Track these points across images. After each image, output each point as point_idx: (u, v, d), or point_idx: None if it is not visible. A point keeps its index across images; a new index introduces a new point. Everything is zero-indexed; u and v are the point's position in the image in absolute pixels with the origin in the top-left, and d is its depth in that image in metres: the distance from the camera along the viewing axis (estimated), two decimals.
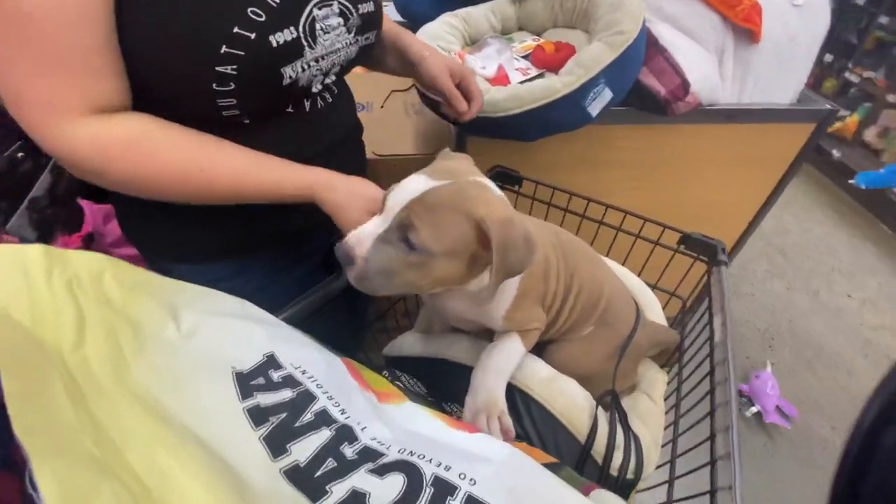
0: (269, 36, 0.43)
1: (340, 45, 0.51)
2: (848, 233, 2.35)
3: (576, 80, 0.76)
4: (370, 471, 0.26)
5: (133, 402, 0.23)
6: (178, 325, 0.29)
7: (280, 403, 0.28)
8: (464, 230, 0.43)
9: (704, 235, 0.70)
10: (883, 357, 1.75)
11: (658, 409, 0.66)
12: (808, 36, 1.05)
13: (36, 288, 0.23)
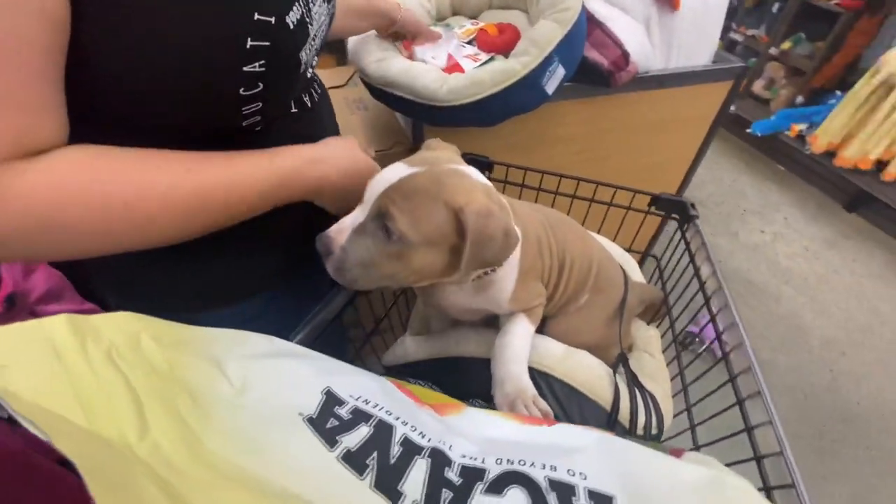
0: (285, 17, 0.38)
1: (323, 17, 0.46)
2: (751, 176, 2.63)
3: (533, 60, 0.77)
4: (485, 491, 0.25)
5: (221, 479, 0.20)
6: (229, 379, 0.25)
7: (365, 443, 0.26)
8: (442, 219, 0.41)
9: (672, 195, 0.74)
10: (801, 281, 1.99)
11: (661, 364, 0.70)
12: (717, 1, 1.14)
13: (76, 371, 0.18)
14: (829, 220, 2.33)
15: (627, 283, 0.71)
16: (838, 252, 2.14)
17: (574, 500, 0.25)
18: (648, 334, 0.74)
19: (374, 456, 0.25)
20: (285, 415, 0.25)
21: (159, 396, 0.21)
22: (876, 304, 1.88)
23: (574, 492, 0.25)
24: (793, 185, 2.57)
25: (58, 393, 0.17)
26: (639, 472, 0.28)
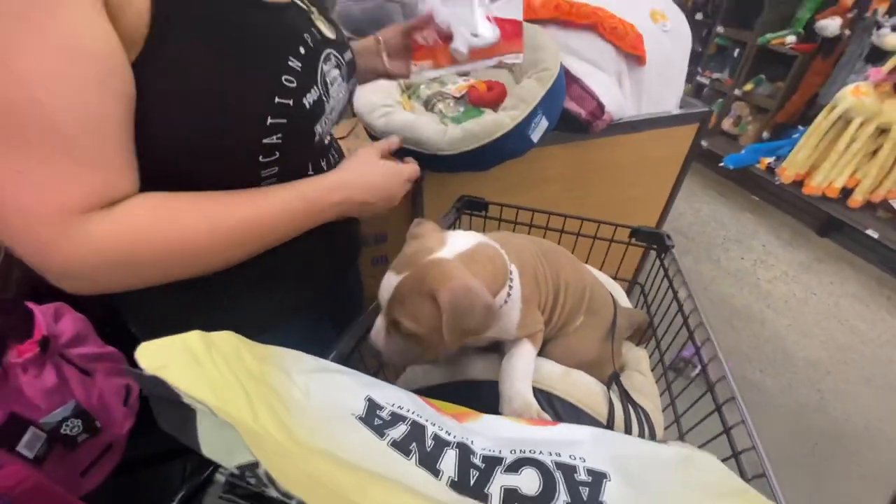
0: (302, 99, 0.45)
1: (341, 94, 0.55)
2: (729, 207, 2.78)
3: (520, 114, 0.88)
4: (504, 472, 0.31)
5: (310, 454, 0.26)
6: (298, 386, 0.31)
7: (406, 436, 0.32)
8: (432, 308, 0.47)
9: (651, 227, 0.83)
10: (783, 304, 2.08)
11: (650, 381, 0.76)
12: (679, 53, 1.29)
13: (208, 371, 0.24)
14: (803, 246, 2.45)
15: (616, 307, 0.78)
16: (815, 275, 2.25)
17: (576, 476, 0.31)
18: (638, 355, 0.81)
19: (413, 445, 0.31)
20: (341, 415, 0.31)
21: (258, 394, 0.27)
22: (855, 324, 1.97)
23: (576, 470, 0.31)
24: (767, 213, 2.72)
25: (199, 385, 0.23)
26: (627, 454, 0.34)
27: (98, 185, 0.36)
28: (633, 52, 1.14)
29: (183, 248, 0.41)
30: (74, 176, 0.35)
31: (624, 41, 1.11)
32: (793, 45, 2.52)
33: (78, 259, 0.36)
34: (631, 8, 1.20)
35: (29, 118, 0.32)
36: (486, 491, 0.30)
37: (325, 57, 0.50)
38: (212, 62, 0.39)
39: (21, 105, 0.32)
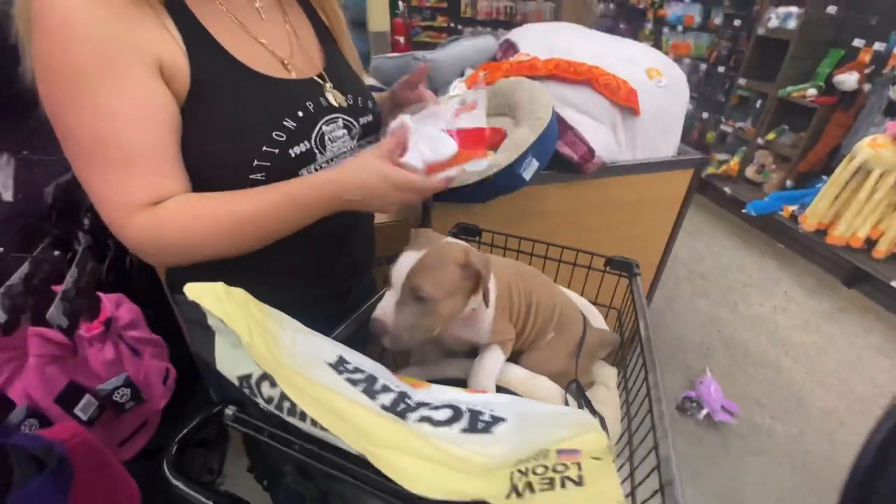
0: (288, 150, 0.58)
1: (346, 149, 0.68)
2: (751, 253, 2.77)
3: (512, 155, 1.01)
4: (428, 410, 0.42)
5: (295, 374, 0.38)
6: (287, 336, 0.44)
7: (360, 380, 0.44)
8: (454, 273, 0.61)
9: (623, 257, 0.93)
10: (802, 352, 2.05)
11: (613, 395, 0.84)
12: (675, 106, 1.40)
13: (227, 307, 0.37)
14: (828, 295, 2.41)
15: (586, 325, 0.87)
16: (838, 325, 2.20)
17: (480, 417, 0.42)
18: (606, 372, 0.89)
19: (365, 385, 0.43)
20: (317, 362, 0.43)
21: (257, 331, 0.39)
22: (875, 376, 1.91)
23: (482, 413, 0.42)
24: (792, 261, 2.69)
25: (219, 311, 0.36)
26: (527, 409, 0.44)
27: (151, 189, 0.52)
28: (626, 105, 1.27)
29: (194, 233, 0.54)
30: (136, 183, 0.51)
31: (617, 95, 1.25)
32: (813, 98, 2.58)
33: (136, 238, 0.52)
34: (628, 66, 1.35)
35: (110, 144, 0.49)
36: (406, 415, 0.41)
37: (330, 120, 0.64)
38: (225, 116, 0.55)
39: (106, 136, 0.49)
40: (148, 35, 0.50)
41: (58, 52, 0.46)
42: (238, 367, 0.38)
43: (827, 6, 2.49)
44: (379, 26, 3.13)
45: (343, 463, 0.37)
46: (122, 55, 0.48)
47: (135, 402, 0.94)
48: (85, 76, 0.47)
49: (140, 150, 0.50)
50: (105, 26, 0.47)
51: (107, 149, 0.49)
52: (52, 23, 0.45)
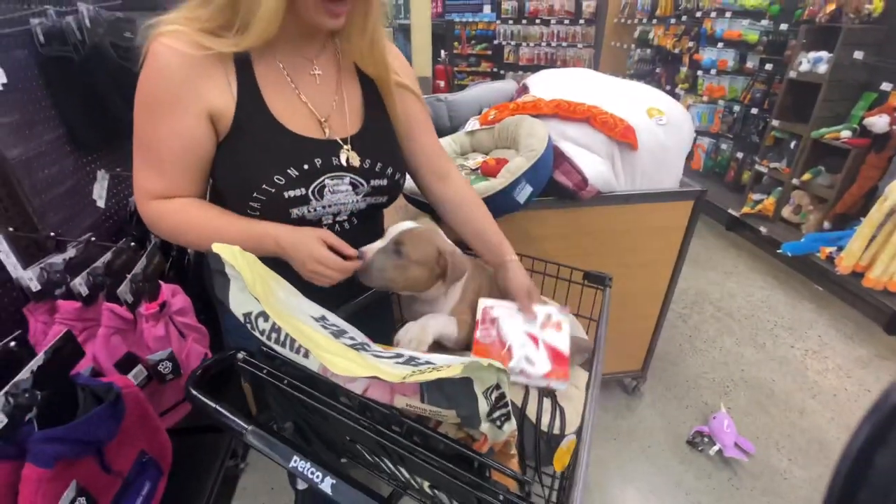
0: (284, 192, 0.71)
1: (348, 201, 0.78)
2: (785, 293, 2.68)
3: (506, 181, 1.16)
4: (379, 352, 0.55)
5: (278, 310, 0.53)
6: (282, 292, 0.59)
7: (333, 330, 0.58)
8: (431, 253, 0.79)
9: (598, 271, 1.02)
10: (830, 397, 1.96)
11: (580, 393, 0.92)
12: (675, 142, 1.50)
13: (239, 261, 0.53)
14: (866, 341, 2.29)
15: None
16: (874, 372, 2.08)
17: (416, 361, 0.54)
18: (578, 374, 0.97)
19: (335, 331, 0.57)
20: (304, 316, 0.58)
21: (261, 284, 0.55)
22: None
23: (419, 358, 0.54)
24: (829, 305, 2.58)
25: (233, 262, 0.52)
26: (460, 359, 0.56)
27: (163, 188, 0.72)
28: (623, 140, 1.39)
29: (178, 228, 0.74)
30: (157, 181, 0.71)
31: (614, 131, 1.37)
32: (847, 140, 2.55)
33: (145, 214, 0.74)
34: (629, 104, 1.47)
35: (153, 153, 0.70)
36: (366, 347, 0.54)
37: (336, 176, 0.75)
38: (245, 156, 0.72)
39: (153, 147, 0.70)
40: (211, 87, 0.68)
41: (150, 82, 0.67)
42: (243, 306, 0.53)
43: (855, 51, 2.50)
44: (421, 72, 3.45)
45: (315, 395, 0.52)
46: (186, 100, 0.67)
47: (174, 376, 1.12)
48: (157, 105, 0.68)
49: (168, 163, 0.71)
50: (184, 73, 0.66)
51: (150, 154, 0.71)
52: (152, 63, 0.66)
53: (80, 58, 1.18)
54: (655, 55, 4.61)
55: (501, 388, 0.53)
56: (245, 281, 0.52)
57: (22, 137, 1.08)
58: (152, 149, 0.70)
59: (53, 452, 0.75)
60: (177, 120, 0.68)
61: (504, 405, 0.56)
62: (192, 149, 0.71)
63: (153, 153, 0.71)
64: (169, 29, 0.65)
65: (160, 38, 0.65)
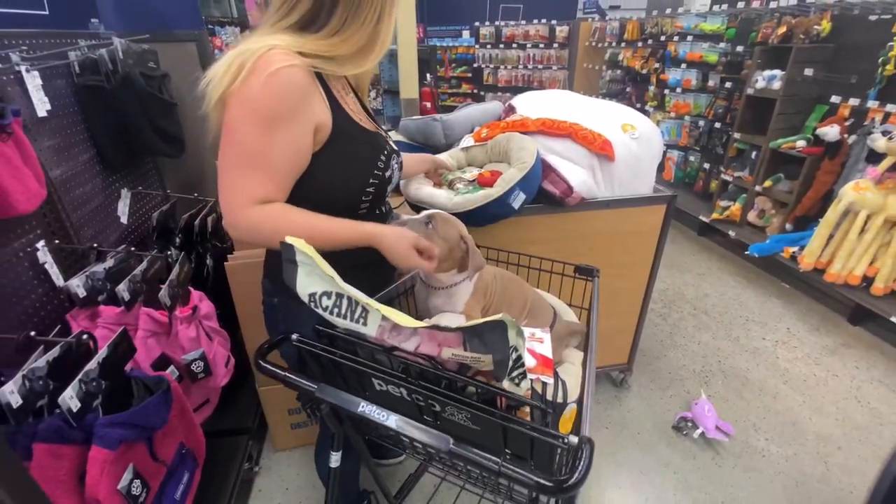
0: (385, 173, 0.89)
1: (396, 176, 0.98)
2: (755, 291, 2.89)
3: (502, 189, 1.30)
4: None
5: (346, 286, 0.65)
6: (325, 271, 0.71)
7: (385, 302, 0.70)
8: (454, 233, 0.93)
9: (586, 264, 1.17)
10: (801, 382, 2.13)
11: (577, 369, 1.05)
12: (647, 154, 1.68)
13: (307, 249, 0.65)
14: (832, 332, 2.49)
15: (556, 317, 1.10)
16: (839, 359, 2.27)
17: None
18: (574, 354, 1.11)
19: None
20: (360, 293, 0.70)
21: (323, 266, 0.67)
22: (876, 406, 1.97)
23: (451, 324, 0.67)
24: (796, 299, 2.79)
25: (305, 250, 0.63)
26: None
27: (268, 193, 0.78)
28: (602, 153, 1.56)
29: (280, 230, 0.77)
30: (263, 186, 0.77)
31: (593, 145, 1.54)
32: (802, 149, 2.80)
33: (246, 219, 0.77)
34: (605, 121, 1.65)
35: (265, 162, 0.75)
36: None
37: (393, 157, 0.94)
38: (351, 154, 0.84)
39: (265, 153, 0.75)
40: (315, 105, 0.79)
41: (270, 97, 0.72)
42: (309, 287, 0.65)
43: (805, 69, 2.77)
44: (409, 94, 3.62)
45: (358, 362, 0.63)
46: (302, 114, 0.76)
47: (205, 375, 1.21)
48: (277, 119, 0.74)
49: (279, 170, 0.78)
50: (302, 90, 0.75)
51: (260, 161, 0.76)
52: (274, 79, 0.71)
53: (112, 86, 1.29)
54: (625, 75, 4.91)
55: (519, 351, 0.66)
56: (317, 263, 0.64)
57: (62, 158, 1.19)
58: (264, 157, 0.75)
59: (118, 435, 0.84)
60: (293, 131, 0.76)
61: (521, 365, 0.68)
62: (301, 157, 0.79)
63: (264, 161, 0.75)
64: (281, 46, 0.74)
65: (276, 56, 0.72)
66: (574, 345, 1.15)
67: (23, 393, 0.75)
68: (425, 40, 6.48)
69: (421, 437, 0.57)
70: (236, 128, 0.74)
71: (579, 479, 0.52)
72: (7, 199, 0.90)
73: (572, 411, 0.90)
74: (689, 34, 3.81)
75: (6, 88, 1.02)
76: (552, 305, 1.16)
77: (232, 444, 1.55)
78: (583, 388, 0.90)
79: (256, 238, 0.81)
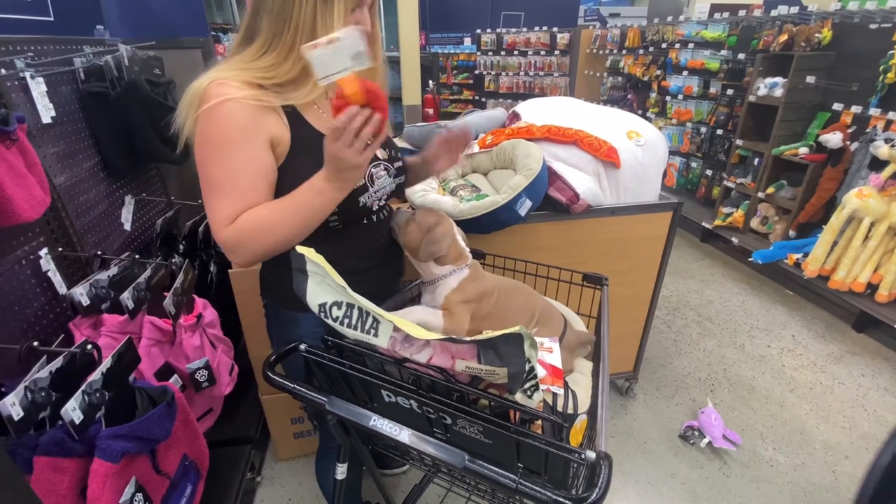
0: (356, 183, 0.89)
1: (386, 184, 0.96)
2: (759, 298, 2.88)
3: (508, 196, 1.30)
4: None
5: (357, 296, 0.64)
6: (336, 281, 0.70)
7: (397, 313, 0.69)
8: (430, 220, 0.95)
9: (595, 273, 1.16)
10: (807, 390, 2.12)
11: (587, 379, 1.04)
12: (652, 161, 1.67)
13: (316, 257, 0.64)
14: (837, 339, 2.47)
15: (567, 326, 1.09)
16: (845, 367, 2.26)
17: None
18: (585, 363, 1.09)
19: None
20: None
21: (334, 276, 0.66)
22: (882, 414, 1.95)
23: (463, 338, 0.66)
24: (801, 306, 2.78)
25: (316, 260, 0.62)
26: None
27: (241, 211, 0.77)
28: (608, 160, 1.55)
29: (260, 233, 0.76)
30: (236, 204, 0.76)
31: (599, 151, 1.53)
32: (805, 156, 2.80)
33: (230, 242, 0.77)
34: (610, 128, 1.65)
35: (230, 184, 0.76)
36: None
37: (375, 165, 0.91)
38: (309, 167, 0.81)
39: (231, 179, 0.76)
40: (265, 120, 0.78)
41: (217, 127, 0.75)
42: (319, 297, 0.64)
43: (807, 76, 2.78)
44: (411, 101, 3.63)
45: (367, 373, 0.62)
46: (252, 132, 0.77)
47: (209, 384, 1.20)
48: (227, 143, 0.75)
49: (245, 188, 0.77)
50: (248, 116, 0.76)
51: (226, 185, 0.77)
52: (216, 112, 0.74)
53: (117, 92, 1.29)
54: (626, 82, 4.93)
55: (532, 363, 0.65)
56: (328, 272, 0.63)
57: (66, 165, 1.18)
58: (229, 181, 0.76)
59: (121, 448, 0.82)
60: (247, 150, 0.77)
61: (533, 377, 0.67)
62: (267, 172, 0.80)
63: (229, 184, 0.76)
64: (219, 78, 0.76)
65: (212, 91, 0.74)
66: (584, 354, 1.14)
67: (24, 405, 0.74)
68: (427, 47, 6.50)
69: (434, 452, 0.56)
70: (200, 163, 0.78)
71: (599, 496, 0.51)
72: (11, 206, 0.89)
73: (583, 422, 0.89)
74: (690, 41, 3.83)
75: (11, 95, 1.01)
76: (562, 314, 1.15)
77: (234, 454, 1.53)
78: (594, 399, 0.88)
79: (247, 249, 0.79)
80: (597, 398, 0.87)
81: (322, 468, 1.21)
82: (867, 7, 2.58)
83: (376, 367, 0.69)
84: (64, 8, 1.30)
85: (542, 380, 0.88)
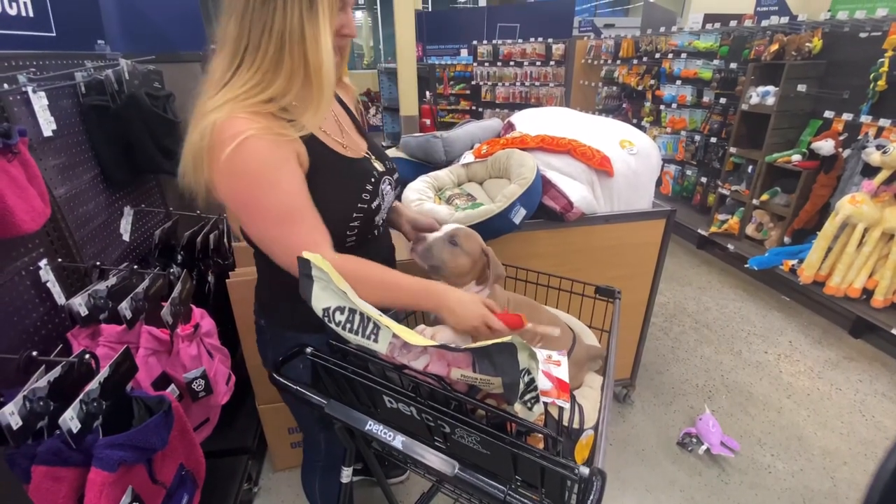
0: (371, 204, 0.85)
1: (389, 200, 0.95)
2: (755, 304, 2.89)
3: (503, 204, 1.31)
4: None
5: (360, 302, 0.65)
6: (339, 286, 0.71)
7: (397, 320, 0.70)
8: (476, 247, 0.95)
9: (608, 285, 1.16)
10: (804, 396, 2.12)
11: (595, 393, 1.04)
12: (645, 169, 1.70)
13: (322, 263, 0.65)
14: (834, 345, 2.48)
15: (574, 339, 1.09)
16: (842, 372, 2.26)
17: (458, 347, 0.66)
18: (593, 377, 1.09)
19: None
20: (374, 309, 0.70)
21: (338, 281, 0.67)
22: (880, 420, 1.95)
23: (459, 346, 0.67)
24: (797, 312, 2.79)
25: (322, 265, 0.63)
26: None
27: (321, 234, 0.76)
28: (601, 168, 1.57)
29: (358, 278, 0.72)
30: (312, 232, 0.75)
31: (592, 160, 1.56)
32: (798, 163, 2.83)
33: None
34: (603, 137, 1.67)
35: (296, 211, 0.74)
36: None
37: (383, 181, 0.91)
38: (331, 188, 0.82)
39: (293, 202, 0.74)
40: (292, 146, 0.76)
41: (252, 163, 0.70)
42: (323, 302, 0.65)
43: (798, 85, 2.82)
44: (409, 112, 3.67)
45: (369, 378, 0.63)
46: (285, 158, 0.74)
47: (206, 393, 1.20)
48: (270, 170, 0.72)
49: (311, 210, 0.76)
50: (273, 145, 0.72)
51: (295, 213, 0.75)
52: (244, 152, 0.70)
53: (117, 105, 1.31)
54: (621, 92, 4.99)
55: (532, 374, 0.65)
56: (333, 278, 0.64)
57: (66, 177, 1.19)
58: (293, 206, 0.74)
59: (118, 457, 0.82)
60: (289, 174, 0.74)
61: (534, 389, 0.67)
62: (308, 193, 0.77)
63: (296, 211, 0.74)
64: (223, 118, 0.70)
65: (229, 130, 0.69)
66: (595, 369, 1.14)
67: (23, 414, 0.75)
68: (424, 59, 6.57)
69: (426, 459, 0.56)
70: (245, 206, 0.74)
71: None
72: (12, 218, 0.91)
73: (589, 438, 0.88)
74: (684, 51, 3.89)
75: (13, 109, 1.03)
76: (571, 328, 1.15)
77: (231, 464, 1.52)
78: (600, 414, 0.89)
79: None
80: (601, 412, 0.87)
81: (308, 482, 1.20)
82: (857, 16, 2.63)
83: (379, 374, 0.70)
84: (66, 23, 1.33)
85: (548, 392, 0.87)
